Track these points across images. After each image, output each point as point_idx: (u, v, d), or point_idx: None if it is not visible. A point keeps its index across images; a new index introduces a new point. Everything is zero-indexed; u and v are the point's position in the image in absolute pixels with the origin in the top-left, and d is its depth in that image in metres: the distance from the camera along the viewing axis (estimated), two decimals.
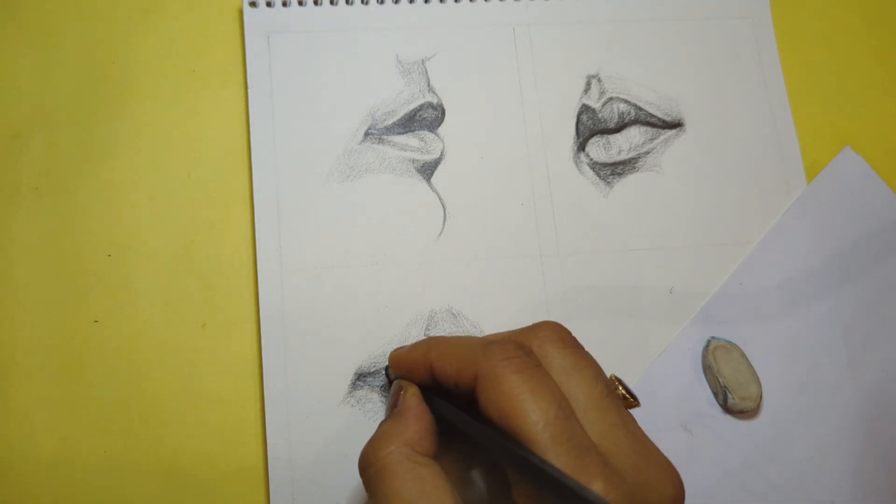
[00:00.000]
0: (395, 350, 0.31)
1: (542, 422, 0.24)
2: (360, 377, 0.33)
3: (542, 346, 0.27)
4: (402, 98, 0.37)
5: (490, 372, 0.26)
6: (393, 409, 0.29)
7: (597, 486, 0.23)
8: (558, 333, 0.28)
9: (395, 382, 0.30)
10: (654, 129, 0.38)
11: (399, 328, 0.34)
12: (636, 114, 0.38)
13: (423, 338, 0.34)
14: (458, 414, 0.27)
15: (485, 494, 0.31)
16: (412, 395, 0.29)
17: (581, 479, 0.23)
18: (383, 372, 0.33)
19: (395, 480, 0.26)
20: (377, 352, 0.34)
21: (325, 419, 0.33)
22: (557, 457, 0.24)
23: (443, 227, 0.36)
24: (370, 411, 0.33)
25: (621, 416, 0.27)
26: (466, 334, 0.34)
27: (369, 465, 0.27)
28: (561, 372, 0.27)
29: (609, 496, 0.23)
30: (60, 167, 0.35)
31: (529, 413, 0.25)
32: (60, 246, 0.34)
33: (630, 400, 0.33)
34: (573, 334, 0.29)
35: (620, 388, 0.34)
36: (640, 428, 0.27)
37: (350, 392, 0.33)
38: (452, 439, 0.31)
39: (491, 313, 0.35)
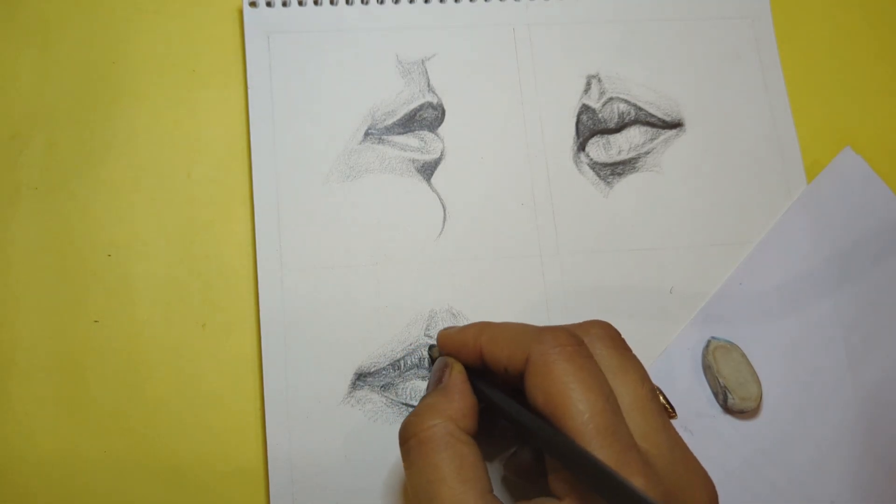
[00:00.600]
0: (445, 329, 0.32)
1: (589, 412, 0.25)
2: (360, 377, 0.33)
3: (592, 343, 0.28)
4: (402, 98, 0.37)
5: (541, 357, 0.26)
6: (437, 384, 0.29)
7: (636, 483, 0.24)
8: (608, 332, 0.29)
9: (440, 359, 0.31)
10: (654, 129, 0.38)
11: (399, 328, 0.34)
12: (636, 114, 0.38)
13: (424, 338, 0.34)
14: (503, 398, 0.28)
15: (519, 479, 0.31)
16: (458, 373, 0.29)
17: (621, 474, 0.24)
18: (426, 352, 0.34)
19: (436, 454, 0.26)
20: (377, 352, 0.34)
21: (325, 419, 0.33)
22: (601, 449, 0.24)
23: (443, 227, 0.36)
24: (370, 411, 0.33)
25: (663, 420, 0.27)
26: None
27: (411, 436, 0.27)
28: (607, 371, 0.27)
29: (647, 494, 0.23)
30: (60, 167, 0.35)
31: (577, 402, 0.25)
32: (60, 246, 0.34)
33: (669, 411, 0.34)
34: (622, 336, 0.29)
35: (661, 397, 0.34)
36: (679, 435, 0.27)
37: (350, 392, 0.33)
38: (492, 424, 0.31)
39: (491, 313, 0.35)
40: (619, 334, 0.29)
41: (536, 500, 0.26)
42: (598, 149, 0.37)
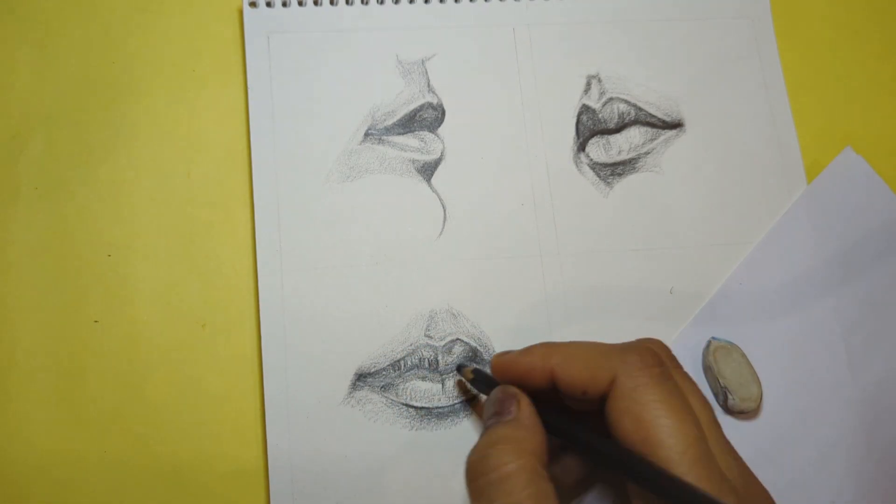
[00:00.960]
0: (500, 355, 0.30)
1: (685, 443, 0.24)
2: (360, 377, 0.33)
3: None
4: (402, 98, 0.37)
5: (630, 381, 0.25)
6: (499, 415, 0.28)
7: None
8: (668, 353, 0.28)
9: (500, 388, 0.29)
10: (654, 130, 0.38)
11: (399, 328, 0.34)
12: (636, 114, 0.38)
13: (424, 338, 0.34)
14: (587, 432, 0.26)
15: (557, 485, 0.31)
16: (528, 405, 0.28)
17: None
18: (455, 370, 0.33)
19: (518, 491, 0.24)
20: (377, 352, 0.34)
21: (325, 419, 0.33)
22: (698, 480, 0.23)
23: (443, 227, 0.36)
24: (370, 411, 0.33)
25: (728, 443, 0.26)
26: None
27: (491, 471, 0.25)
28: None
29: None
30: (60, 167, 0.35)
31: (673, 431, 0.24)
32: (60, 246, 0.34)
33: None
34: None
35: None
36: (740, 456, 0.27)
37: (350, 392, 0.33)
38: (559, 453, 0.31)
39: (491, 313, 0.35)
40: (672, 354, 0.28)
41: None
42: (598, 149, 0.37)
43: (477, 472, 0.26)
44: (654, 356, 0.26)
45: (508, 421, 0.27)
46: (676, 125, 0.38)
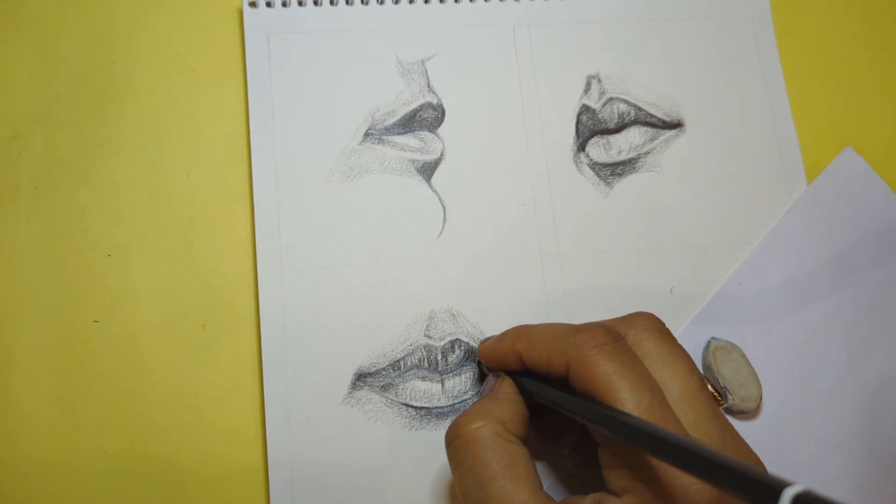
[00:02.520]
0: (483, 341, 0.32)
1: (637, 410, 0.25)
2: (360, 377, 0.33)
3: (638, 334, 0.28)
4: (401, 98, 0.37)
5: (581, 361, 0.26)
6: (489, 393, 0.30)
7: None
8: (654, 323, 0.29)
9: (491, 374, 0.31)
10: (654, 130, 0.38)
11: (399, 328, 0.34)
12: (636, 114, 0.38)
13: (424, 338, 0.34)
14: (560, 394, 0.28)
15: (582, 473, 0.32)
16: (508, 384, 0.30)
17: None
18: (476, 365, 0.34)
19: (484, 451, 0.26)
20: (377, 352, 0.34)
21: (325, 419, 0.33)
22: None
23: (443, 227, 0.36)
24: (370, 412, 0.33)
25: (713, 409, 0.27)
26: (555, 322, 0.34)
27: (459, 436, 0.27)
28: (655, 361, 0.27)
29: (704, 484, 0.24)
30: (60, 167, 0.35)
31: (623, 401, 0.25)
32: (60, 246, 0.34)
33: (718, 398, 0.34)
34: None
35: (709, 385, 0.34)
36: (729, 422, 0.27)
37: (350, 392, 0.33)
38: (549, 426, 0.32)
39: (491, 313, 0.35)
40: (664, 324, 0.29)
41: (593, 496, 0.26)
42: (598, 149, 0.37)
43: (449, 437, 0.28)
44: (605, 333, 0.27)
45: (487, 395, 0.29)
46: (676, 125, 0.38)
